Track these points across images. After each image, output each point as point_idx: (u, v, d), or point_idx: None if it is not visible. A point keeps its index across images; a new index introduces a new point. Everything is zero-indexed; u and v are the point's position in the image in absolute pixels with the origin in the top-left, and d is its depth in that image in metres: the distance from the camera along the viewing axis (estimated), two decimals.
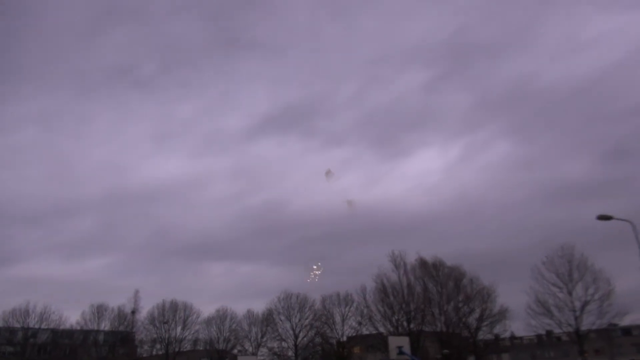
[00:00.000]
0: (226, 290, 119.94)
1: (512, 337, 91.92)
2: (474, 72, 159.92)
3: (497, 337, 73.85)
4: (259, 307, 76.63)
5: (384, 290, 64.60)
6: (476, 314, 64.40)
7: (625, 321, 55.00)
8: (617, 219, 27.73)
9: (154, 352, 72.49)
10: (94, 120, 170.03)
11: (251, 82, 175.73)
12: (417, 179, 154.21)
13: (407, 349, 36.73)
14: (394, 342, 38.33)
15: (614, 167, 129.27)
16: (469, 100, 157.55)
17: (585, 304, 52.07)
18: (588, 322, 52.37)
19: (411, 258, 66.79)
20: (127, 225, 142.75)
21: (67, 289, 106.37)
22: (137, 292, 72.22)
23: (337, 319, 69.28)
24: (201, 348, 76.14)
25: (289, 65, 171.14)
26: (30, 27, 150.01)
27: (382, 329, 64.67)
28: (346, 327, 69.09)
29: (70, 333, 71.03)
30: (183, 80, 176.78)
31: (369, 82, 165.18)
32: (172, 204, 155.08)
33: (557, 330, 60.84)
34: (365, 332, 68.75)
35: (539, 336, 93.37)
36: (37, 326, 67.47)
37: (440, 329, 63.89)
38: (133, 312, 71.36)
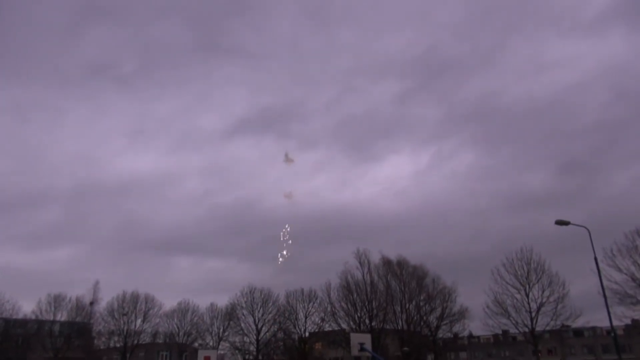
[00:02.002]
0: (192, 284, 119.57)
1: (470, 336, 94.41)
2: (443, 87, 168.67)
3: (455, 335, 75.66)
4: (224, 302, 75.91)
5: (348, 287, 65.07)
6: (437, 313, 65.74)
7: (578, 323, 56.95)
8: (575, 225, 28.87)
9: (112, 344, 70.86)
10: (69, 113, 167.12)
11: (229, 86, 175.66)
12: (387, 183, 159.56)
13: (368, 346, 37.06)
14: (356, 338, 38.55)
15: (569, 179, 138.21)
16: (438, 112, 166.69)
17: (540, 305, 53.74)
18: (542, 323, 54.13)
19: (376, 257, 67.68)
20: (95, 218, 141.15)
21: (26, 279, 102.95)
22: (97, 282, 70.39)
23: (301, 314, 69.59)
24: (161, 341, 74.92)
25: (267, 71, 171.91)
26: (11, 18, 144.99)
27: (344, 326, 65.12)
28: (309, 323, 69.49)
29: (23, 323, 68.61)
30: (162, 80, 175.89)
31: (345, 90, 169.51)
32: (143, 198, 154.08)
33: (512, 331, 62.66)
34: (327, 328, 69.13)
35: (495, 336, 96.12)
36: None
37: (402, 327, 64.87)
38: (91, 303, 69.37)
